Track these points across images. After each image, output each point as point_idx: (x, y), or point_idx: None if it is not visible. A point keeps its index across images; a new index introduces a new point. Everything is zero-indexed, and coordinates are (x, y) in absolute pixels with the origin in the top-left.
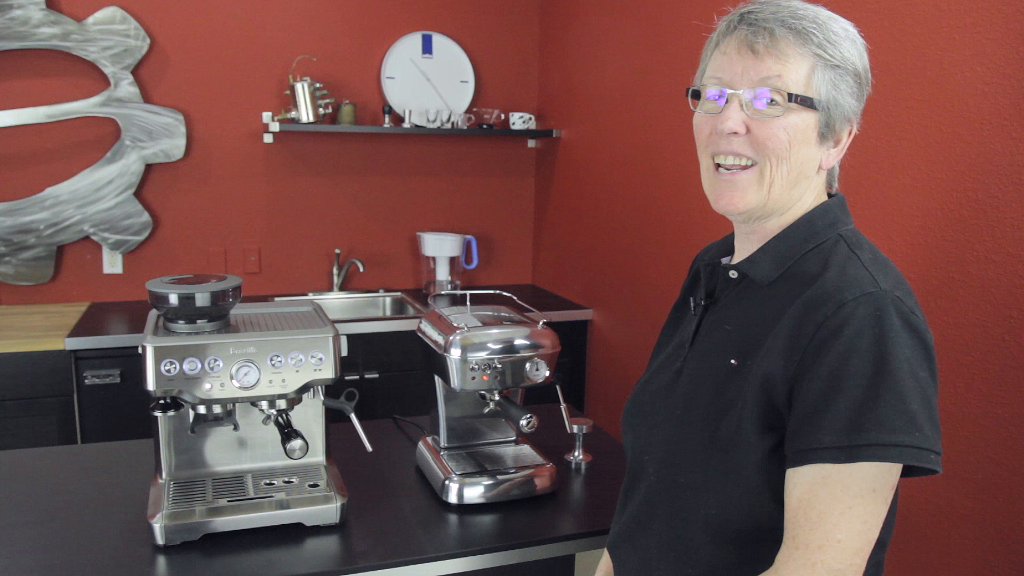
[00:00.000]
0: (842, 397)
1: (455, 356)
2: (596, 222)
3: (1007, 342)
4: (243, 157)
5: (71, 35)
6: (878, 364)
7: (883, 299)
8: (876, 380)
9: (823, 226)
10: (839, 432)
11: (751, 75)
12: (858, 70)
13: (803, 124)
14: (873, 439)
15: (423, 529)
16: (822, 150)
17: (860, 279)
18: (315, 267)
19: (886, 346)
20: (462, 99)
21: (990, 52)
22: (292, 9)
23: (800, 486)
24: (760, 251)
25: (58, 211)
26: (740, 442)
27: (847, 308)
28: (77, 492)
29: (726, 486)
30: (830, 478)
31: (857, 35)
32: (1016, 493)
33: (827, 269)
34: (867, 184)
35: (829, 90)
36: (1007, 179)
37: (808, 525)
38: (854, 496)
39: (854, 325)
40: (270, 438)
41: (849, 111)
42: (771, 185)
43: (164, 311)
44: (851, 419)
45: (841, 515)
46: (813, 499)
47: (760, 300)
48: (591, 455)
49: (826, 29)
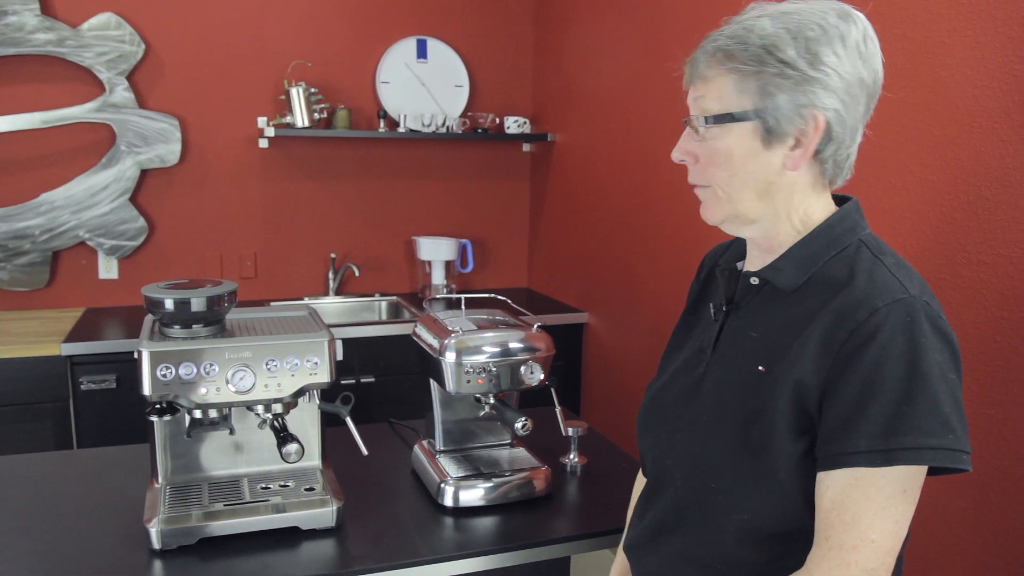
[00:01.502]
0: (877, 402)
1: (450, 360)
2: (591, 225)
3: (999, 343)
4: (238, 162)
5: (66, 41)
6: (911, 369)
7: (914, 305)
8: (910, 384)
9: (843, 231)
10: (875, 436)
11: (691, 103)
12: (787, 61)
13: (737, 139)
14: (909, 443)
15: (419, 532)
16: (776, 154)
17: (890, 285)
18: (311, 271)
19: (919, 351)
20: (457, 103)
21: (981, 56)
22: (287, 14)
23: (833, 488)
24: (783, 258)
25: (53, 217)
26: (772, 447)
27: (879, 314)
28: (73, 497)
29: (758, 490)
30: (863, 480)
31: (803, 26)
32: (1010, 494)
33: (855, 275)
34: (859, 187)
35: (757, 97)
36: (997, 182)
37: (842, 526)
38: (887, 497)
39: (887, 331)
40: (266, 442)
41: (790, 108)
42: (730, 199)
43: (160, 316)
44: (887, 423)
45: (875, 516)
46: (847, 501)
47: (785, 307)
48: (586, 458)
49: (749, 38)
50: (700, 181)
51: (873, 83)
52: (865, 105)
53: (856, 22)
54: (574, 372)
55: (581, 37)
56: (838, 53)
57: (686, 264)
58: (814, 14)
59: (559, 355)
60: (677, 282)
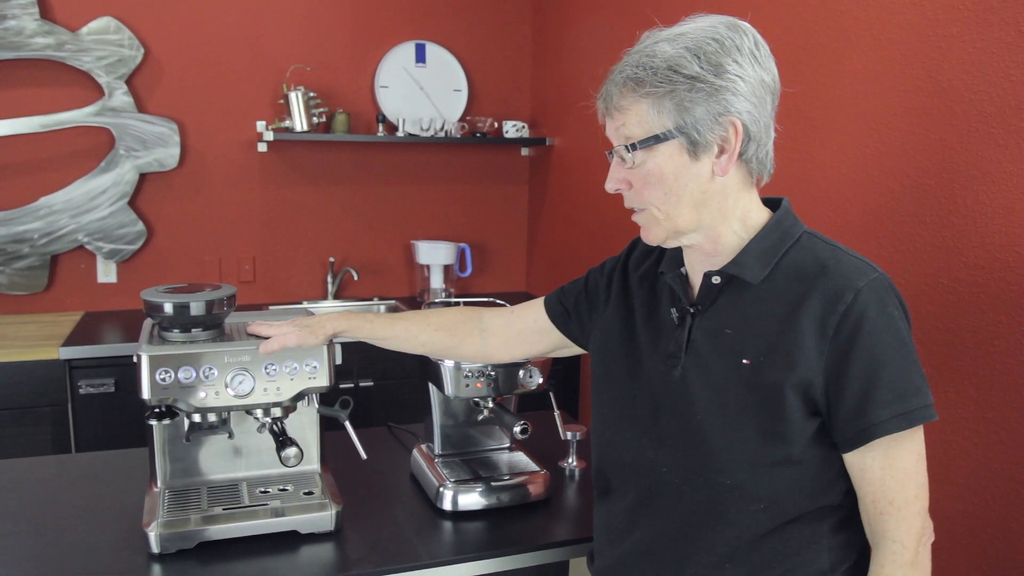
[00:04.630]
0: (886, 373)
1: (449, 364)
2: (589, 229)
3: (995, 347)
4: (237, 166)
5: (65, 45)
6: (897, 337)
7: (884, 281)
8: (901, 352)
9: (790, 225)
10: (892, 404)
11: (612, 134)
12: (694, 75)
13: (665, 158)
14: (919, 403)
15: (418, 536)
16: (704, 164)
17: (860, 267)
18: (309, 275)
19: (897, 321)
20: (455, 108)
21: (977, 61)
22: (286, 19)
23: (878, 459)
24: (743, 253)
25: (52, 220)
26: (785, 431)
27: (863, 294)
28: (72, 501)
29: (774, 477)
30: (900, 439)
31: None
32: (1008, 496)
33: (826, 263)
34: (856, 190)
35: (675, 114)
36: (994, 185)
37: (898, 486)
38: (918, 444)
39: (874, 308)
40: (265, 446)
41: (708, 117)
42: (668, 216)
43: (159, 320)
44: (899, 389)
45: (917, 464)
46: (894, 463)
47: (755, 299)
48: (585, 462)
49: (652, 65)
50: (637, 205)
51: (773, 82)
52: (771, 104)
53: (745, 32)
54: (573, 376)
55: (579, 41)
56: (737, 60)
57: None
58: (706, 30)
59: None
60: None
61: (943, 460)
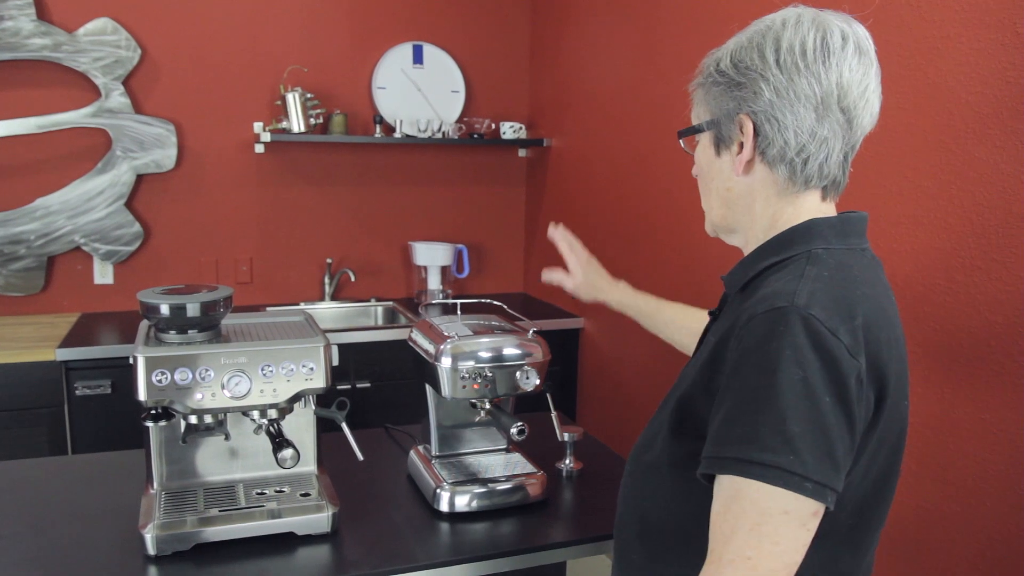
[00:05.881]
0: (725, 409)
1: (446, 365)
2: (587, 231)
3: (993, 348)
4: (234, 167)
5: (62, 46)
6: (765, 379)
7: (789, 314)
8: (757, 395)
9: (799, 241)
10: (712, 443)
11: None
12: (721, 69)
13: (702, 149)
14: (738, 452)
15: (415, 537)
16: (725, 160)
17: (780, 293)
18: (307, 277)
19: (779, 363)
20: (453, 109)
21: (975, 63)
22: (283, 20)
23: (719, 499)
24: (738, 264)
25: (49, 222)
26: (658, 441)
27: (754, 323)
28: (68, 503)
29: (648, 481)
30: (741, 492)
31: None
32: (1005, 498)
33: (769, 283)
34: (854, 193)
35: (705, 107)
36: (992, 187)
37: (722, 538)
38: (761, 514)
39: (753, 339)
40: (261, 448)
41: (729, 111)
42: (708, 209)
43: (155, 321)
44: (724, 431)
45: (750, 532)
46: (727, 513)
47: (729, 311)
48: (582, 463)
49: (710, 57)
50: None
51: (822, 90)
52: (824, 112)
53: (813, 28)
54: (570, 377)
55: (577, 43)
56: (764, 58)
57: (681, 269)
58: (772, 20)
59: (555, 360)
60: (672, 287)
61: (940, 460)
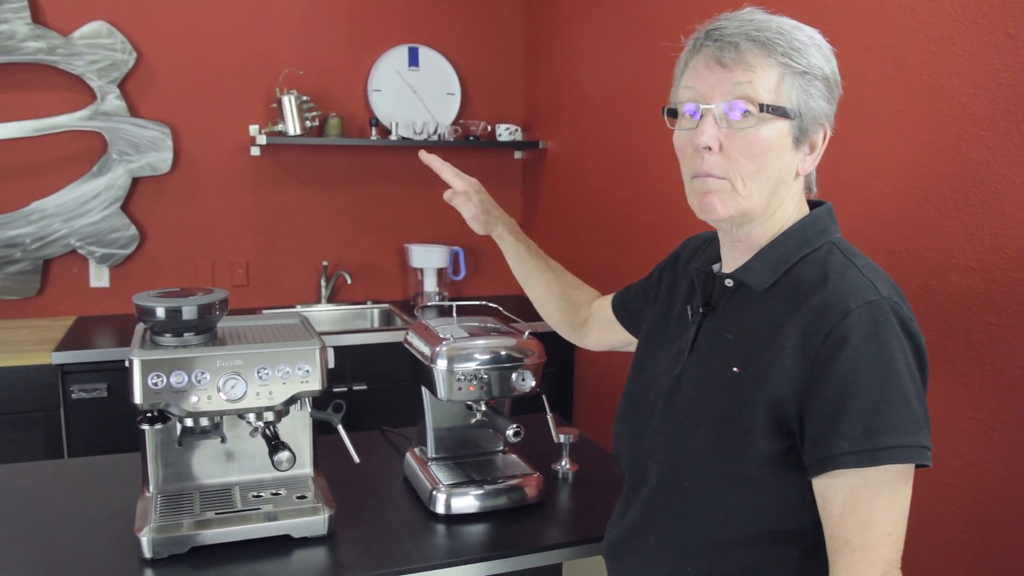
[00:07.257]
0: (857, 403)
1: (441, 367)
2: (582, 232)
3: (986, 348)
4: (230, 170)
5: (57, 49)
6: (886, 369)
7: (884, 306)
8: (884, 384)
9: (814, 234)
10: (858, 437)
11: (723, 88)
12: (826, 74)
13: (777, 133)
14: (890, 442)
15: (411, 539)
16: (797, 156)
17: (861, 287)
18: (303, 279)
19: (891, 352)
20: (448, 111)
21: (968, 64)
22: (279, 23)
23: (841, 492)
24: (754, 259)
25: (44, 225)
26: (746, 448)
27: (852, 317)
28: (64, 506)
29: (730, 490)
30: (868, 478)
31: (823, 41)
32: (1002, 497)
33: (828, 278)
34: (847, 192)
35: (800, 96)
36: (984, 188)
37: (859, 527)
38: (893, 490)
39: (860, 333)
40: (257, 450)
41: (821, 115)
42: (748, 195)
43: (151, 325)
44: (869, 424)
45: (886, 510)
46: (858, 501)
47: (758, 308)
48: (578, 464)
49: (790, 38)
50: (719, 172)
51: None
52: None
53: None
54: (566, 379)
55: (573, 44)
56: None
57: None
58: (812, 30)
59: (551, 362)
60: None
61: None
